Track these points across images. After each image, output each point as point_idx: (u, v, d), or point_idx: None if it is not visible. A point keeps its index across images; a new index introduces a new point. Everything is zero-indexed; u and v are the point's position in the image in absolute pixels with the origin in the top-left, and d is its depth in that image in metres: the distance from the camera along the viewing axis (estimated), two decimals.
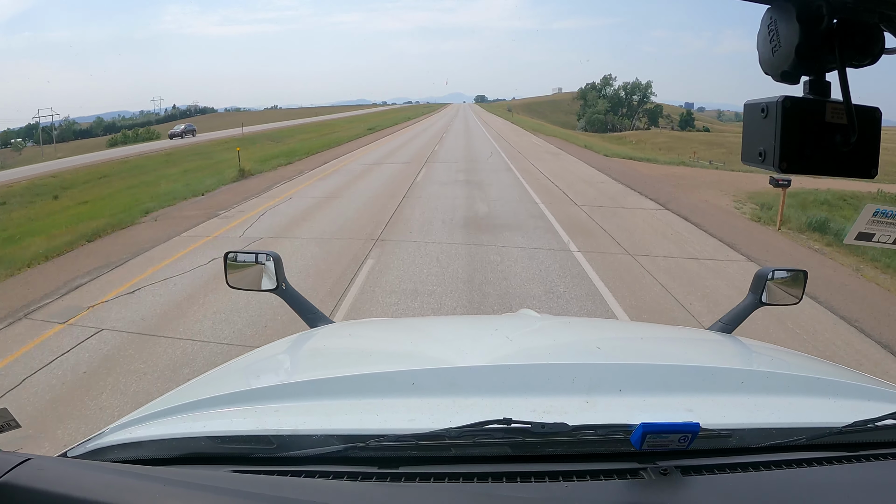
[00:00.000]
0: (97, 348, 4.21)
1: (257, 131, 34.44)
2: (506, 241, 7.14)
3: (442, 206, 9.57)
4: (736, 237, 7.62)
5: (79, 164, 24.55)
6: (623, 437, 0.72)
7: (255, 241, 7.31)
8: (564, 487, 0.69)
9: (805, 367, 1.22)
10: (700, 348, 1.34)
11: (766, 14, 0.58)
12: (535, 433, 0.73)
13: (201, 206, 10.27)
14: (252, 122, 43.40)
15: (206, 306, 4.95)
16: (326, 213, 9.20)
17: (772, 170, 0.57)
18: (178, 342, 4.26)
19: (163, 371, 3.77)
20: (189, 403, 0.89)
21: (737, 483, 0.73)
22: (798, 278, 1.50)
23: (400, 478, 0.72)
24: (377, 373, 0.96)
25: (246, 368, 1.25)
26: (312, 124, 45.89)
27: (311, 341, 1.37)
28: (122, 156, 27.07)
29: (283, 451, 0.76)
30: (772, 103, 0.57)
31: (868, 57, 0.56)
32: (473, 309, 4.81)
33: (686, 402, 0.88)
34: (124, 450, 0.81)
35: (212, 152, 21.66)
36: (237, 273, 1.54)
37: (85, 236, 8.13)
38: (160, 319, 4.75)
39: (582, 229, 7.92)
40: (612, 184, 12.80)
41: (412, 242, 7.08)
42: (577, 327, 1.68)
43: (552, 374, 0.93)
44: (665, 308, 4.93)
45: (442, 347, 1.30)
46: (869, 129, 0.58)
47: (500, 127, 43.80)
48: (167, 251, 7.05)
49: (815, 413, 0.89)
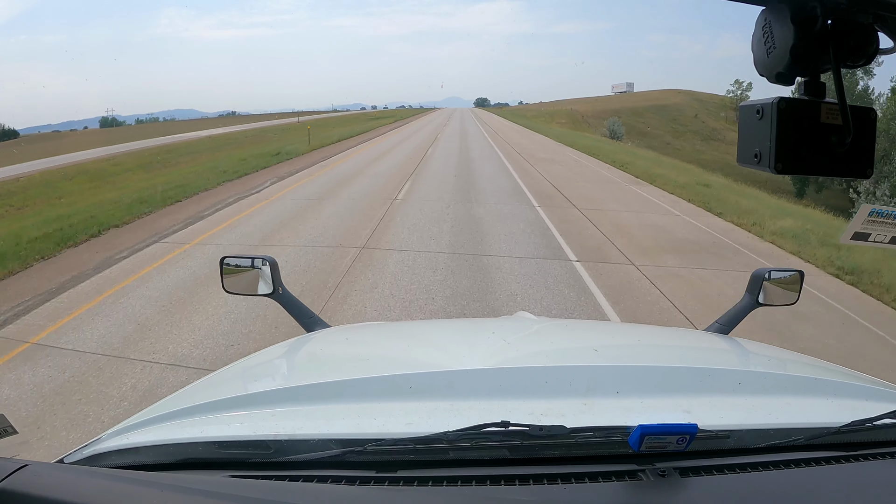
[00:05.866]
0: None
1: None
2: None
3: None
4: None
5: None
6: (621, 439, 0.72)
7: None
8: (563, 490, 0.69)
9: (802, 367, 1.22)
10: (697, 349, 1.34)
11: (761, 16, 0.58)
12: (532, 436, 0.73)
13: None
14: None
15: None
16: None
17: (767, 171, 0.58)
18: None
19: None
20: (186, 409, 0.89)
21: (735, 484, 0.73)
22: (795, 279, 1.50)
23: (398, 482, 0.71)
24: (374, 377, 0.96)
25: (243, 373, 1.24)
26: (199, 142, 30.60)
27: (309, 345, 1.37)
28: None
29: (281, 455, 0.76)
30: (767, 104, 0.57)
31: (862, 58, 0.57)
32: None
33: (684, 403, 0.88)
34: (121, 455, 0.80)
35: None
36: (233, 277, 1.54)
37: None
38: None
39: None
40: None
41: None
42: (574, 330, 1.68)
43: (549, 376, 0.93)
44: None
45: (439, 351, 1.30)
46: (864, 130, 0.58)
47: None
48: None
49: (813, 413, 0.89)
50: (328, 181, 12.33)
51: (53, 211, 10.32)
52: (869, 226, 1.07)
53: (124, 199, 10.09)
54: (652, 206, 10.52)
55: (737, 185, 16.38)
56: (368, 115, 73.13)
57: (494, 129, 39.67)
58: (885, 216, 1.07)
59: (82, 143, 36.57)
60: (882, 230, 1.07)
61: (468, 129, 38.66)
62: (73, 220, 8.44)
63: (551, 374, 0.94)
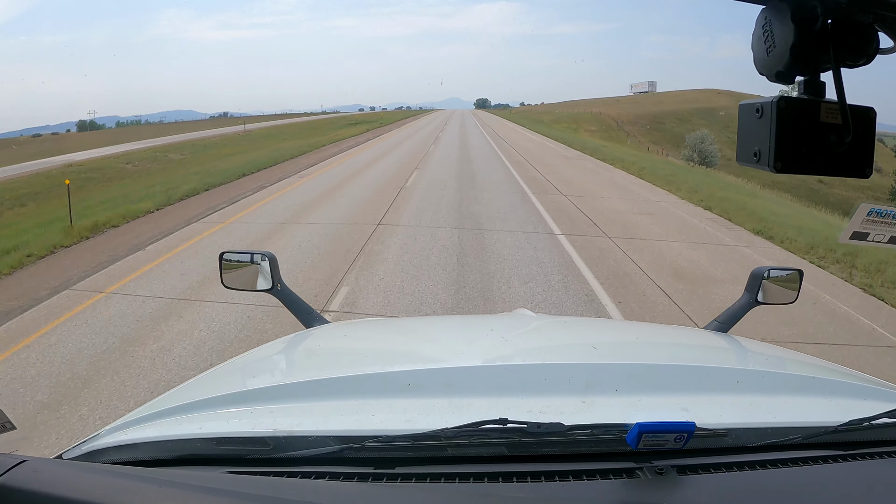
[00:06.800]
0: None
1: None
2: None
3: None
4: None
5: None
6: (619, 437, 0.72)
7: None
8: (561, 487, 0.69)
9: (800, 366, 1.22)
10: (696, 348, 1.35)
11: (761, 14, 0.58)
12: (531, 433, 0.73)
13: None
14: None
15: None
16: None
17: (766, 169, 0.58)
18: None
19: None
20: (185, 405, 0.89)
21: (733, 482, 0.73)
22: (794, 277, 1.51)
23: (396, 478, 0.71)
24: (373, 373, 0.96)
25: (242, 369, 1.24)
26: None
27: (307, 342, 1.37)
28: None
29: (280, 452, 0.76)
30: (766, 103, 0.57)
31: (862, 57, 0.57)
32: None
33: (682, 401, 0.88)
34: (120, 451, 0.80)
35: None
36: (232, 273, 1.53)
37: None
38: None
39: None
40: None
41: None
42: (573, 327, 1.68)
43: (548, 374, 0.93)
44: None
45: (438, 348, 1.30)
46: (863, 129, 0.58)
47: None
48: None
49: (811, 412, 0.89)
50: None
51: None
52: (868, 225, 1.07)
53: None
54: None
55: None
56: (348, 119, 59.09)
57: (511, 142, 24.80)
58: (884, 216, 1.07)
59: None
60: (881, 230, 1.07)
61: (471, 146, 22.46)
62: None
63: (550, 371, 0.94)
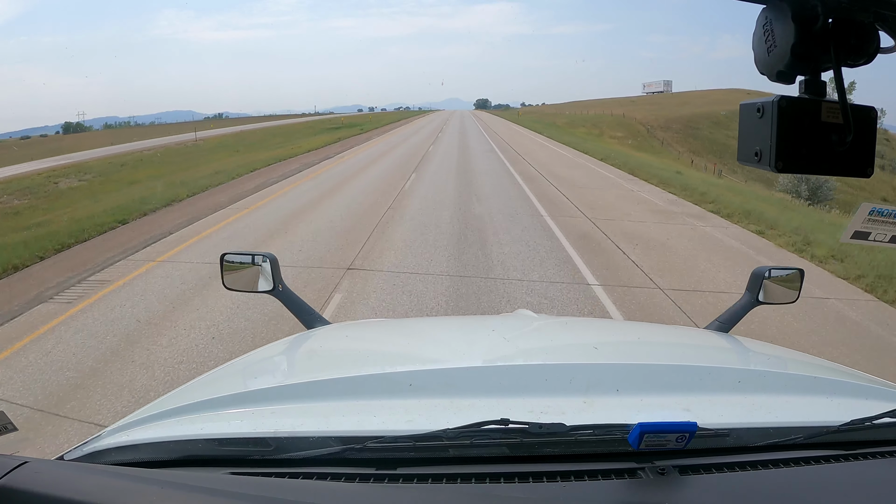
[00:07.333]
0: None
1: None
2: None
3: None
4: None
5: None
6: (621, 437, 0.72)
7: None
8: (562, 487, 0.69)
9: (802, 365, 1.22)
10: (697, 348, 1.34)
11: (762, 14, 0.58)
12: (532, 433, 0.73)
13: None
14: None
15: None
16: None
17: (767, 169, 0.58)
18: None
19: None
20: (186, 406, 0.89)
21: (734, 482, 0.73)
22: (795, 277, 1.50)
23: (398, 479, 0.71)
24: (374, 374, 0.96)
25: (243, 370, 1.24)
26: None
27: (308, 343, 1.37)
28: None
29: (281, 452, 0.76)
30: (767, 103, 0.57)
31: (863, 56, 0.56)
32: None
33: (683, 401, 0.88)
34: (121, 452, 0.80)
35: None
36: (233, 274, 1.53)
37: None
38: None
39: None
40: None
41: None
42: (575, 327, 1.68)
43: (549, 374, 0.93)
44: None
45: (439, 348, 1.30)
46: (864, 129, 0.58)
47: None
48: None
49: (813, 412, 0.89)
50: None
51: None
52: (869, 225, 1.07)
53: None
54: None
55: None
56: (333, 122, 54.69)
57: (544, 169, 15.54)
58: (886, 215, 1.07)
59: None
60: (882, 229, 1.07)
61: (476, 171, 15.00)
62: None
63: (551, 371, 0.94)
